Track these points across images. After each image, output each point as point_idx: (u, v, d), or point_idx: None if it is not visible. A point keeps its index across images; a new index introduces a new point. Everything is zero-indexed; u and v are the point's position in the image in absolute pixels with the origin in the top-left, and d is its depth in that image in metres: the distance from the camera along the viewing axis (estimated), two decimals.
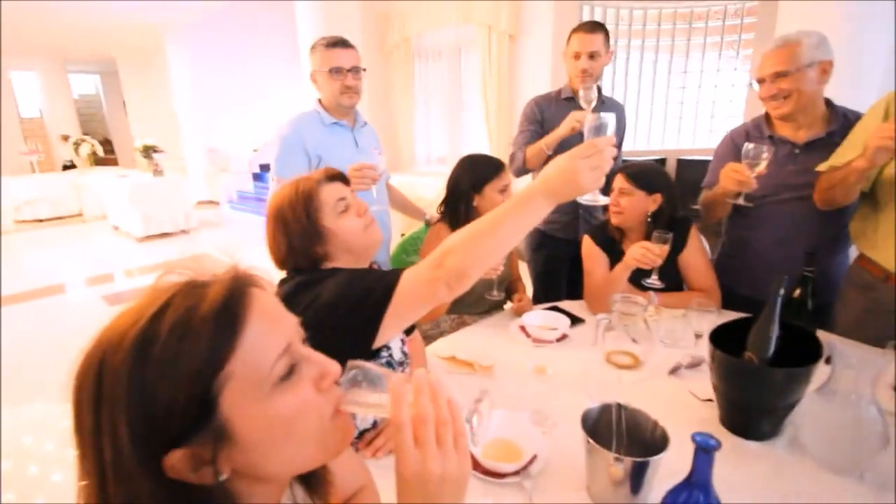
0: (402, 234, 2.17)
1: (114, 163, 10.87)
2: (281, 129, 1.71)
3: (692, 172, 1.45)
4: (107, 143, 11.29)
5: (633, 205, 1.61)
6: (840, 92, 1.68)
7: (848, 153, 1.39)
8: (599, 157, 0.80)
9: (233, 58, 7.43)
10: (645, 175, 1.62)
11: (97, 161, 8.95)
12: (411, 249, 2.01)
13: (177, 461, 0.39)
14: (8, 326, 3.56)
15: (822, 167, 1.46)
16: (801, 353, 0.96)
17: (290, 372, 0.44)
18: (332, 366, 0.48)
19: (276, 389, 0.42)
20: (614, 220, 1.66)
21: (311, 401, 0.45)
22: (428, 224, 2.03)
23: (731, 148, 1.66)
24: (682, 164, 4.30)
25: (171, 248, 5.65)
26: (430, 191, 4.64)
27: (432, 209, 1.88)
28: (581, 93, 1.80)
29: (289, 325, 0.47)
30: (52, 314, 3.89)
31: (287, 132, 1.70)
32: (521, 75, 4.40)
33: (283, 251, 1.03)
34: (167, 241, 5.96)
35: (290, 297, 0.93)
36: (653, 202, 1.62)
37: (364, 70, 1.73)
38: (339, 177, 1.11)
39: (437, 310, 1.54)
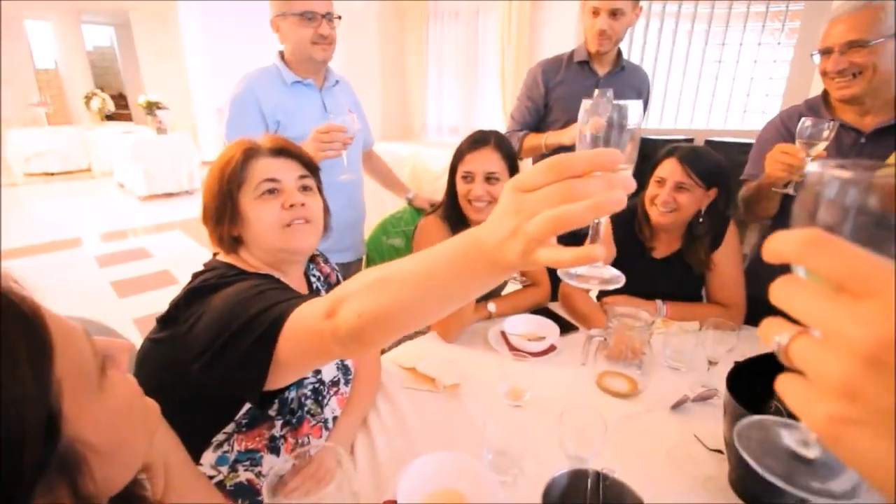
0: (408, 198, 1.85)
1: (128, 118, 10.74)
2: (233, 88, 1.45)
3: (722, 155, 1.27)
4: (121, 98, 11.15)
5: (690, 202, 1.32)
6: None
7: None
8: (560, 192, 0.38)
9: (245, 18, 7.12)
10: (707, 166, 1.31)
11: (109, 116, 8.81)
12: (392, 231, 1.78)
13: None
14: None
15: (892, 160, 1.18)
16: None
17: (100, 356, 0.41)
18: (116, 345, 0.44)
19: (101, 379, 0.39)
20: (664, 219, 1.34)
21: (129, 382, 0.44)
22: (410, 203, 1.79)
23: (781, 133, 1.38)
24: (711, 145, 3.94)
25: (172, 209, 5.51)
26: (437, 163, 4.38)
27: (439, 183, 1.57)
28: (595, 93, 1.48)
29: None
30: (33, 273, 3.76)
31: (239, 90, 1.43)
32: (543, 39, 4.06)
33: (204, 217, 0.88)
34: (169, 202, 5.83)
35: (180, 305, 0.73)
36: (707, 199, 1.34)
37: (339, 18, 1.46)
38: (287, 152, 0.91)
39: None
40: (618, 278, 0.45)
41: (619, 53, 1.77)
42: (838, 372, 0.23)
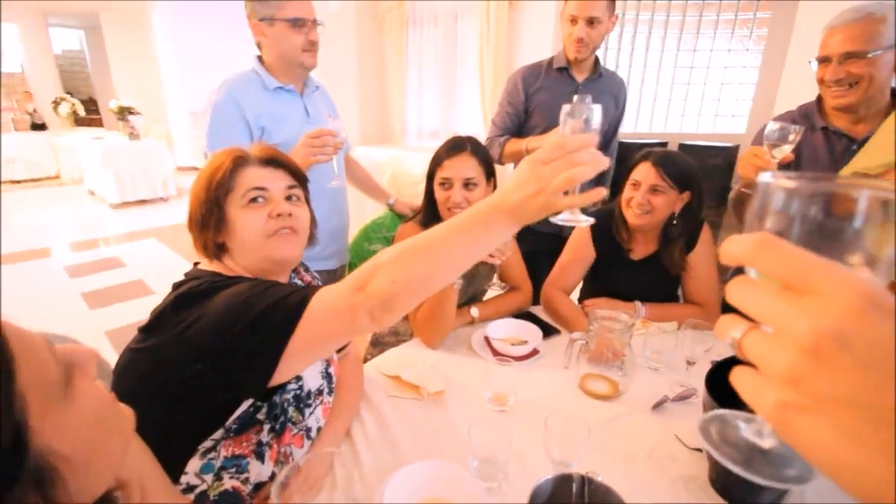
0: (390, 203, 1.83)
1: (98, 123, 10.44)
2: (213, 94, 1.41)
3: (695, 158, 1.33)
4: (92, 103, 10.84)
5: (664, 204, 1.36)
6: None
7: (881, 153, 1.16)
8: (566, 162, 0.59)
9: (219, 21, 7.01)
10: (680, 170, 1.36)
11: (79, 121, 8.55)
12: (374, 237, 1.77)
13: None
14: None
15: (846, 170, 1.22)
16: None
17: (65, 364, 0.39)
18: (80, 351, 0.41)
19: (67, 387, 0.38)
20: (639, 220, 1.38)
21: (98, 389, 0.41)
22: (391, 208, 1.79)
23: None
24: (684, 149, 4.04)
25: (146, 217, 5.37)
26: (418, 167, 4.38)
27: (419, 188, 1.57)
28: (574, 99, 1.50)
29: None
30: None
31: (220, 97, 1.38)
32: (521, 43, 4.11)
33: (190, 223, 0.88)
34: (143, 209, 5.68)
35: (167, 312, 0.72)
36: (680, 201, 1.38)
37: (322, 24, 1.45)
38: (276, 162, 0.91)
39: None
40: (588, 220, 0.63)
41: (597, 60, 1.80)
42: (784, 362, 0.24)
